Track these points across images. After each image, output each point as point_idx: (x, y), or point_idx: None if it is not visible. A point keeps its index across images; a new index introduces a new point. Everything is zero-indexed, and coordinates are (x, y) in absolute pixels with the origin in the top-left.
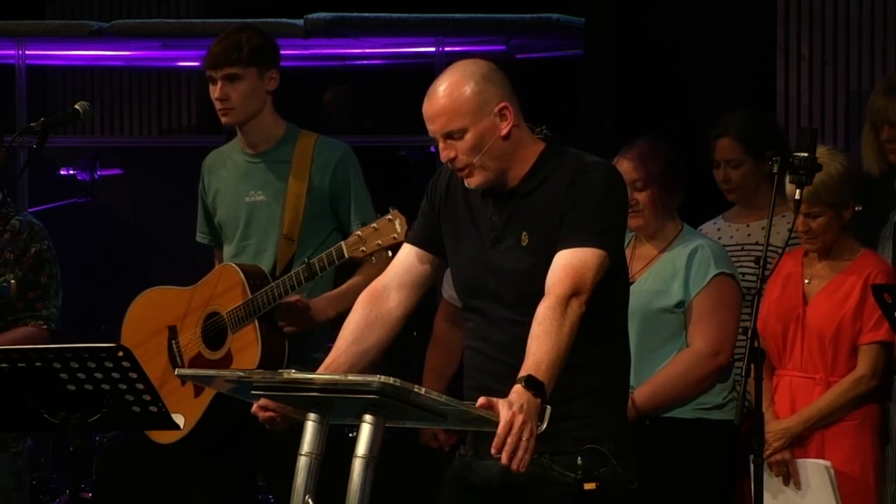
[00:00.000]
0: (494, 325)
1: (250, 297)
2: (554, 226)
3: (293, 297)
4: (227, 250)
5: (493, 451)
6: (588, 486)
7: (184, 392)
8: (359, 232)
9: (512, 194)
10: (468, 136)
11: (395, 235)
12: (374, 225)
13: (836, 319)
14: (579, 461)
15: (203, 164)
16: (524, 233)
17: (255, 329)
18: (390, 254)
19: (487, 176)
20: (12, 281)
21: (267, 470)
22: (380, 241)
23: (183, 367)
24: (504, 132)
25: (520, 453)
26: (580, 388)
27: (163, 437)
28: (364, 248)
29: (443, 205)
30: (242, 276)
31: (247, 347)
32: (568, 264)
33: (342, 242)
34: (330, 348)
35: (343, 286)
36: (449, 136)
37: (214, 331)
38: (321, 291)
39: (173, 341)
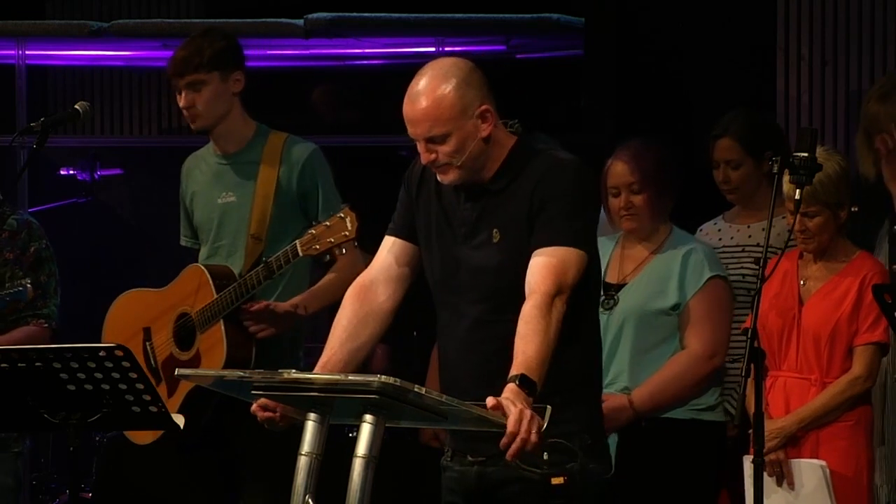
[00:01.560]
0: (464, 321)
1: (216, 297)
2: (524, 223)
3: (261, 303)
4: (203, 252)
5: (501, 446)
6: (555, 480)
7: (159, 392)
8: (312, 230)
9: (484, 190)
10: (451, 141)
11: (347, 233)
12: (327, 223)
13: (832, 321)
14: (545, 456)
15: (182, 167)
16: (495, 230)
17: (221, 329)
18: (344, 251)
19: (463, 175)
20: (28, 285)
21: (242, 467)
22: (332, 239)
23: (157, 368)
24: (485, 134)
25: (528, 448)
26: (551, 386)
27: (139, 437)
28: (317, 246)
29: (417, 197)
30: (209, 276)
31: (213, 347)
32: (549, 263)
33: (297, 241)
34: (319, 348)
35: (315, 286)
36: (431, 140)
37: (185, 331)
38: (295, 290)
39: (147, 343)
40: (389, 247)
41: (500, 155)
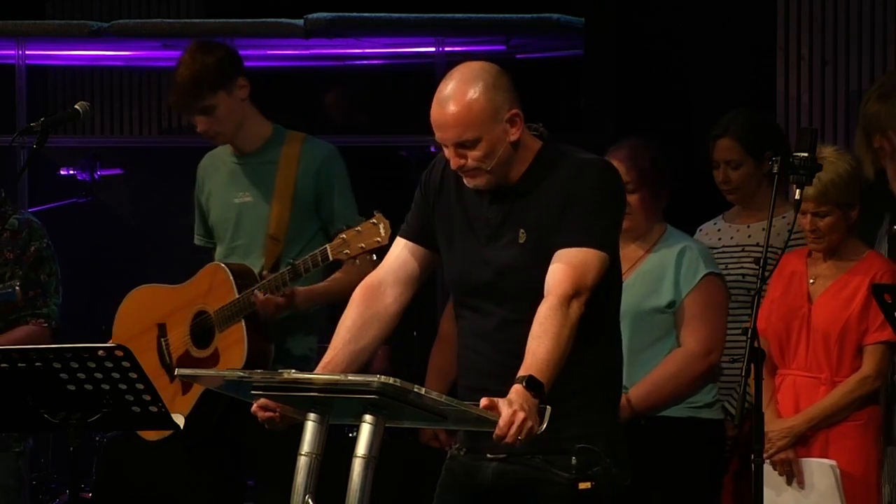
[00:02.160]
0: (488, 323)
1: (237, 296)
2: (551, 223)
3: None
4: (219, 251)
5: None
6: (583, 485)
7: (172, 389)
8: (343, 235)
9: (509, 192)
10: (481, 145)
11: (379, 239)
12: (358, 228)
13: (842, 319)
14: (574, 461)
15: (198, 166)
16: (521, 230)
17: (242, 328)
18: (374, 257)
19: (492, 179)
20: (17, 287)
21: (251, 466)
22: (363, 245)
23: (171, 364)
24: (514, 138)
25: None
26: (574, 386)
27: (153, 434)
28: (348, 251)
29: (436, 199)
30: (230, 275)
31: (233, 346)
32: (569, 264)
33: (327, 245)
34: (323, 349)
35: (325, 282)
36: (461, 145)
37: (202, 329)
38: (308, 283)
39: (162, 339)
40: (400, 249)
41: (526, 158)
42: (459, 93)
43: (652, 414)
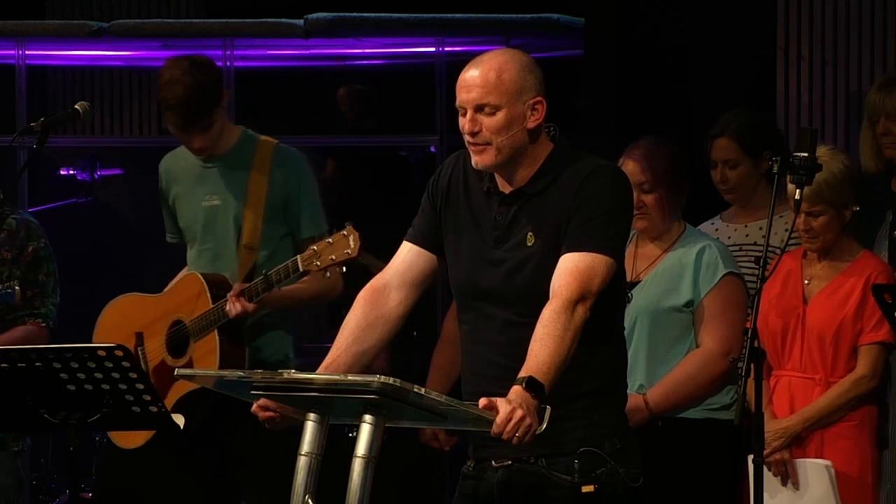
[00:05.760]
0: (493, 326)
1: (211, 306)
2: (560, 227)
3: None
4: (190, 253)
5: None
6: (586, 488)
7: None
8: (314, 246)
9: (519, 194)
10: (499, 115)
11: (349, 251)
12: (329, 240)
13: (837, 320)
14: (576, 464)
15: (160, 165)
16: (530, 233)
17: (215, 338)
18: (344, 269)
19: (499, 159)
20: (17, 287)
21: (239, 468)
22: (333, 257)
23: (147, 373)
24: (531, 126)
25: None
26: (580, 388)
27: (126, 441)
28: (318, 263)
29: (444, 203)
30: (205, 285)
31: (207, 356)
32: (575, 269)
33: (298, 256)
34: (308, 348)
35: (290, 287)
36: (480, 108)
37: (178, 339)
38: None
39: (139, 348)
40: (406, 252)
41: (538, 157)
42: (493, 61)
43: (669, 415)
